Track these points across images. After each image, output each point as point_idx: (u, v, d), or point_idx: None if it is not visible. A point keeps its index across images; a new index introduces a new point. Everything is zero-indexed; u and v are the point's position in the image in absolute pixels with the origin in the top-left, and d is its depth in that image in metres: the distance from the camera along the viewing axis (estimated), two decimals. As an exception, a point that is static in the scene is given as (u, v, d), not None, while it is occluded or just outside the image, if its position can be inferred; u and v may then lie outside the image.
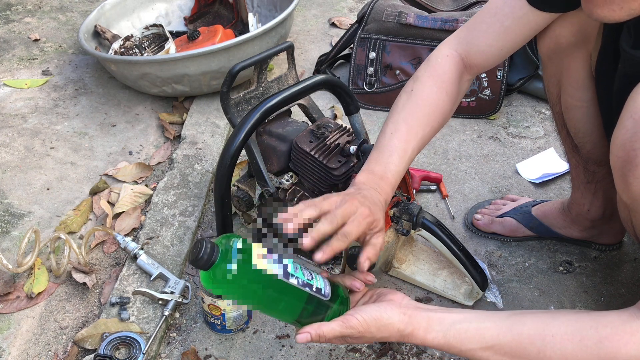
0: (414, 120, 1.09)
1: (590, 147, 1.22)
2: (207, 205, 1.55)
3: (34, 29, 2.38)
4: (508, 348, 0.86)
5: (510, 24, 1.07)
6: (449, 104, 1.13)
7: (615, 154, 0.87)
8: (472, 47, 1.11)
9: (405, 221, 1.25)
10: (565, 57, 1.14)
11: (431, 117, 1.10)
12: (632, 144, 0.83)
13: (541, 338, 0.84)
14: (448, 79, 1.12)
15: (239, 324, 1.22)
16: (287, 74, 1.42)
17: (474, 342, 0.87)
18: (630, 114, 0.85)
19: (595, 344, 0.81)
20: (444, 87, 1.11)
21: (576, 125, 1.21)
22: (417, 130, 1.09)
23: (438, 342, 0.89)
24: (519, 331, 0.86)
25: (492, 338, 0.86)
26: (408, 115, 1.10)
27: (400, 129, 1.08)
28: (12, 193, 1.59)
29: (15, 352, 1.20)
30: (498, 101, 1.87)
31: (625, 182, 0.86)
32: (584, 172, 1.29)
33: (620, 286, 1.34)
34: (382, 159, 1.06)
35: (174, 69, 1.76)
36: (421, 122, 1.09)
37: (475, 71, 1.15)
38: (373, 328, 0.90)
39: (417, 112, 1.10)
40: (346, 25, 2.41)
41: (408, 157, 1.07)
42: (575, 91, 1.17)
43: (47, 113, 1.91)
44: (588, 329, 0.83)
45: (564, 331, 0.84)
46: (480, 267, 1.26)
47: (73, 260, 1.37)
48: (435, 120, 1.11)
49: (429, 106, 1.10)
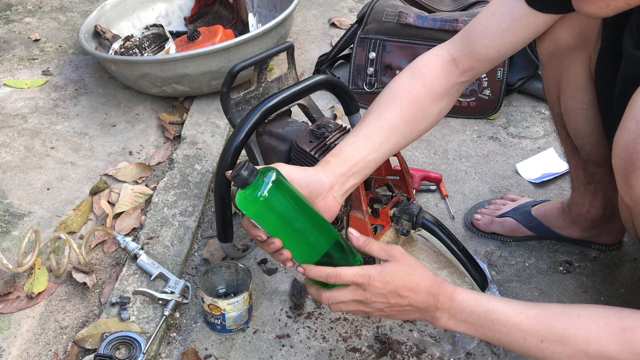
0: (377, 105, 1.07)
1: (590, 148, 1.22)
2: (207, 205, 1.55)
3: (34, 29, 2.38)
4: (534, 318, 0.87)
5: (509, 26, 1.06)
6: (426, 94, 1.08)
7: (617, 155, 0.87)
8: (468, 48, 1.09)
9: (405, 221, 1.25)
10: (564, 59, 1.14)
11: (395, 99, 1.07)
12: (635, 146, 0.83)
13: (567, 315, 0.86)
14: (429, 72, 1.09)
15: (239, 324, 1.22)
16: (287, 74, 1.42)
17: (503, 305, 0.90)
18: (633, 115, 0.85)
19: (619, 331, 0.82)
20: (421, 79, 1.08)
21: (576, 126, 1.21)
22: (381, 112, 1.06)
23: (467, 294, 0.92)
24: (545, 306, 0.88)
25: (519, 306, 0.89)
26: (374, 103, 1.09)
27: (364, 116, 1.08)
28: (12, 193, 1.59)
29: (16, 352, 1.20)
30: (498, 101, 1.87)
31: (628, 183, 0.86)
32: (583, 173, 1.29)
33: (620, 286, 1.34)
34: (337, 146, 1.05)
35: (174, 69, 1.76)
36: (385, 104, 1.07)
37: (472, 73, 1.12)
38: (391, 286, 0.91)
39: (383, 97, 1.08)
40: (346, 25, 2.41)
41: (364, 134, 1.04)
42: (575, 93, 1.17)
43: (47, 113, 1.91)
44: (612, 317, 0.84)
45: (590, 313, 0.86)
46: (480, 267, 1.27)
47: (73, 260, 1.37)
48: (402, 103, 1.06)
49: (396, 92, 1.08)
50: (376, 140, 1.04)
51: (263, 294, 1.32)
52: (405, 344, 1.21)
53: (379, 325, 1.25)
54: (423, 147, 1.77)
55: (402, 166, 1.31)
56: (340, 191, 1.02)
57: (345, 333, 1.24)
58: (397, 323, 1.26)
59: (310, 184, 0.97)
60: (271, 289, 1.33)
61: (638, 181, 0.84)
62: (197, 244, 1.45)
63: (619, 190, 0.90)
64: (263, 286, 1.34)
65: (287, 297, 1.31)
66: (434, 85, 1.09)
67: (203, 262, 1.40)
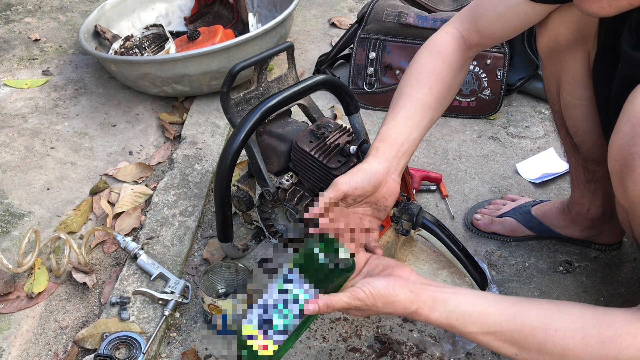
0: (407, 87, 1.11)
1: (590, 145, 1.22)
2: (207, 205, 1.55)
3: (34, 29, 2.38)
4: (509, 336, 0.87)
5: (503, 11, 1.09)
6: (447, 70, 1.13)
7: (613, 157, 0.87)
8: (473, 26, 1.14)
9: (405, 221, 1.25)
10: (564, 56, 1.14)
11: (422, 78, 1.11)
12: (630, 148, 0.84)
13: (544, 331, 0.85)
14: (445, 50, 1.13)
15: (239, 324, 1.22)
16: (287, 74, 1.42)
17: (476, 327, 0.89)
18: (628, 117, 0.85)
19: (597, 344, 0.81)
20: (440, 56, 1.13)
21: (575, 123, 1.21)
22: (412, 92, 1.10)
23: (441, 321, 0.90)
24: (522, 321, 0.87)
25: (495, 325, 0.88)
26: (403, 85, 1.12)
27: (395, 99, 1.11)
28: (12, 193, 1.59)
29: (16, 352, 1.20)
30: (498, 101, 1.87)
31: (623, 185, 0.86)
32: (583, 172, 1.29)
33: (620, 286, 1.34)
34: (381, 132, 1.08)
35: (174, 69, 1.76)
36: (414, 85, 1.11)
37: (478, 48, 1.17)
38: (380, 303, 0.91)
39: (410, 79, 1.12)
40: (346, 25, 2.41)
41: (402, 116, 1.08)
42: (575, 89, 1.17)
43: (47, 113, 1.91)
44: (591, 328, 0.83)
45: (567, 327, 0.84)
46: (480, 267, 1.26)
47: (73, 260, 1.37)
48: (430, 81, 1.11)
49: (421, 72, 1.12)
50: (415, 119, 1.09)
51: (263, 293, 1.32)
52: (405, 344, 1.21)
53: (379, 325, 1.25)
54: (423, 147, 1.77)
55: (402, 166, 1.31)
56: (396, 172, 1.06)
57: (345, 333, 1.24)
58: (397, 323, 1.26)
59: (373, 179, 1.02)
60: (271, 289, 1.33)
61: (633, 183, 0.84)
62: (197, 244, 1.45)
63: (615, 192, 0.90)
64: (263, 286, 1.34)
65: (287, 297, 1.31)
66: (452, 61, 1.14)
67: (203, 262, 1.40)
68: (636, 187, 0.85)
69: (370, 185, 1.02)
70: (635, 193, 0.86)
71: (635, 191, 0.85)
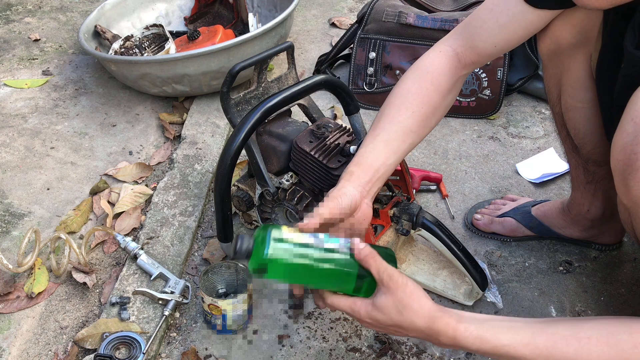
0: (390, 108, 1.10)
1: (590, 147, 1.22)
2: (207, 205, 1.55)
3: (34, 29, 2.38)
4: (544, 347, 0.84)
5: (505, 22, 1.07)
6: (435, 92, 1.11)
7: (615, 157, 0.87)
8: (468, 42, 1.11)
9: (405, 221, 1.25)
10: (565, 58, 1.14)
11: (407, 101, 1.10)
12: (633, 148, 0.84)
13: (577, 339, 0.83)
14: (434, 70, 1.11)
15: (239, 324, 1.22)
16: (287, 74, 1.42)
17: (509, 338, 0.86)
18: (631, 117, 0.85)
19: (631, 349, 0.81)
20: (428, 77, 1.11)
21: (576, 125, 1.21)
22: (394, 115, 1.09)
23: (470, 333, 0.87)
24: (553, 331, 0.85)
25: (527, 336, 0.85)
26: (385, 106, 1.11)
27: (377, 120, 1.11)
28: (12, 193, 1.59)
29: (16, 352, 1.20)
30: (498, 101, 1.87)
31: (626, 185, 0.86)
32: (583, 173, 1.29)
33: (620, 286, 1.34)
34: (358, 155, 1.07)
35: (174, 69, 1.76)
36: (397, 107, 1.10)
37: (474, 66, 1.14)
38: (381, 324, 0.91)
39: (395, 100, 1.11)
40: (346, 25, 2.42)
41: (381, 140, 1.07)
42: (576, 92, 1.17)
43: (47, 113, 1.91)
44: (622, 333, 0.82)
45: (599, 334, 0.83)
46: (480, 267, 1.27)
47: (73, 260, 1.37)
48: (414, 104, 1.09)
49: (407, 94, 1.10)
50: (393, 144, 1.07)
51: (263, 294, 1.32)
52: (405, 344, 1.21)
53: (379, 325, 1.25)
54: (423, 147, 1.77)
55: (402, 166, 1.32)
56: (369, 197, 1.05)
57: (345, 333, 1.24)
58: (397, 323, 1.26)
59: (350, 205, 1.01)
60: (271, 289, 1.33)
61: (636, 183, 0.84)
62: (197, 244, 1.45)
63: (618, 192, 0.90)
64: (263, 286, 1.34)
65: (287, 297, 1.31)
66: (441, 83, 1.11)
67: (203, 262, 1.40)
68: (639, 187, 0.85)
69: (349, 210, 1.01)
70: (638, 193, 0.86)
71: (638, 190, 0.85)
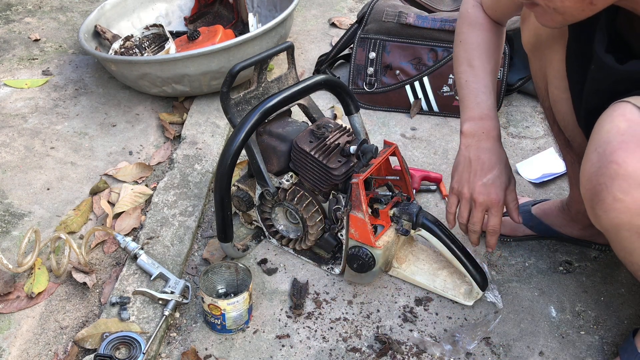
0: (477, 61, 1.22)
1: (580, 140, 1.22)
2: (207, 205, 1.55)
3: (34, 29, 2.38)
4: None
5: None
6: (496, 37, 1.25)
7: (584, 186, 0.91)
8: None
9: (405, 221, 1.25)
10: (546, 50, 1.15)
11: (489, 51, 1.23)
12: (598, 179, 0.86)
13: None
14: (483, 21, 1.24)
15: (239, 324, 1.22)
16: (287, 74, 1.42)
17: None
18: (595, 147, 0.88)
19: None
20: (484, 28, 1.24)
21: (565, 117, 1.21)
22: (485, 66, 1.22)
23: None
24: None
25: None
26: (472, 59, 1.22)
27: (470, 74, 1.22)
28: (12, 193, 1.59)
29: (16, 352, 1.20)
30: (498, 101, 1.87)
31: (595, 214, 0.90)
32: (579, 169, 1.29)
33: (620, 286, 1.34)
34: (472, 104, 1.20)
35: (174, 69, 1.76)
36: (483, 59, 1.22)
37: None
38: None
39: (475, 52, 1.23)
40: (346, 25, 2.42)
41: (490, 90, 1.21)
42: (560, 82, 1.17)
43: (47, 113, 1.91)
44: None
45: None
46: (480, 267, 1.27)
47: (73, 260, 1.37)
48: (495, 53, 1.24)
49: (483, 44, 1.23)
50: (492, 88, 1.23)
51: (263, 294, 1.32)
52: (405, 344, 1.21)
53: (379, 326, 1.25)
54: (423, 147, 1.77)
55: (402, 166, 1.32)
56: None
57: (345, 333, 1.24)
58: (397, 323, 1.26)
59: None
60: (271, 289, 1.33)
61: (603, 212, 0.87)
62: (197, 244, 1.45)
63: (590, 218, 0.92)
64: (263, 286, 1.34)
65: (287, 297, 1.31)
66: (493, 29, 1.25)
67: (203, 262, 1.40)
68: (607, 216, 0.88)
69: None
70: (606, 222, 0.89)
71: (606, 220, 0.88)
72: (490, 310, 1.28)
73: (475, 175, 1.19)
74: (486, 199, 1.18)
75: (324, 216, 1.30)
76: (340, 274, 1.35)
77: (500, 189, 1.18)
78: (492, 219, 1.20)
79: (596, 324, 1.26)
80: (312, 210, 1.29)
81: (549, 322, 1.26)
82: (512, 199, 1.21)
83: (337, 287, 1.33)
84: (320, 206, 1.29)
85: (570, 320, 1.27)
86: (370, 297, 1.31)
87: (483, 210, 1.20)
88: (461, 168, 1.21)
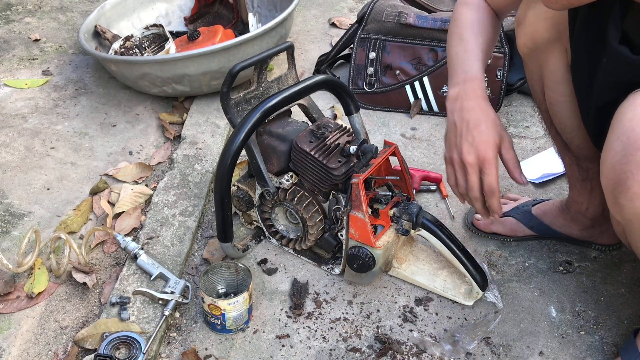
0: (468, 35, 1.20)
1: (579, 142, 1.22)
2: (207, 205, 1.55)
3: (34, 29, 2.38)
4: None
5: None
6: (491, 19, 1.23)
7: (606, 176, 0.88)
8: None
9: (405, 221, 1.25)
10: (542, 53, 1.15)
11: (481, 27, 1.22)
12: (622, 167, 0.84)
13: None
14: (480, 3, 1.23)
15: (239, 324, 1.22)
16: (287, 74, 1.42)
17: None
18: (617, 135, 0.86)
19: None
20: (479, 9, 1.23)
21: (562, 120, 1.21)
22: (477, 38, 1.20)
23: None
24: None
25: None
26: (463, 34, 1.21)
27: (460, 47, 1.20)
28: (12, 193, 1.59)
29: (16, 352, 1.20)
30: (498, 101, 1.87)
31: (618, 204, 0.87)
32: (578, 170, 1.29)
33: (620, 286, 1.34)
34: (459, 71, 1.17)
35: (174, 69, 1.76)
36: (475, 32, 1.21)
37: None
38: None
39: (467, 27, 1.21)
40: (346, 25, 2.42)
41: (480, 59, 1.18)
42: (557, 85, 1.17)
43: (47, 113, 1.91)
44: None
45: None
46: (480, 267, 1.27)
47: (73, 260, 1.37)
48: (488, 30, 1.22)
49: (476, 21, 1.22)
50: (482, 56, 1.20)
51: (263, 294, 1.32)
52: (405, 344, 1.21)
53: (379, 326, 1.25)
54: (423, 147, 1.77)
55: (402, 166, 1.32)
56: None
57: (345, 333, 1.24)
58: (397, 323, 1.26)
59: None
60: (271, 289, 1.33)
61: (628, 201, 0.85)
62: (197, 244, 1.45)
63: (610, 209, 0.91)
64: (263, 286, 1.34)
65: (287, 297, 1.31)
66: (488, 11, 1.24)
67: (203, 262, 1.40)
68: (632, 205, 0.86)
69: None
70: (631, 211, 0.86)
71: (630, 209, 0.86)
72: (490, 310, 1.28)
73: (461, 137, 1.11)
74: (475, 158, 1.09)
75: (324, 216, 1.30)
76: (340, 274, 1.35)
77: (487, 145, 1.09)
78: (485, 179, 1.10)
79: (596, 324, 1.26)
80: (312, 210, 1.29)
81: (549, 322, 1.26)
82: (510, 157, 1.13)
83: (337, 287, 1.33)
84: (320, 206, 1.29)
85: (570, 320, 1.27)
86: (370, 297, 1.31)
87: (476, 172, 1.11)
88: (448, 135, 1.15)
